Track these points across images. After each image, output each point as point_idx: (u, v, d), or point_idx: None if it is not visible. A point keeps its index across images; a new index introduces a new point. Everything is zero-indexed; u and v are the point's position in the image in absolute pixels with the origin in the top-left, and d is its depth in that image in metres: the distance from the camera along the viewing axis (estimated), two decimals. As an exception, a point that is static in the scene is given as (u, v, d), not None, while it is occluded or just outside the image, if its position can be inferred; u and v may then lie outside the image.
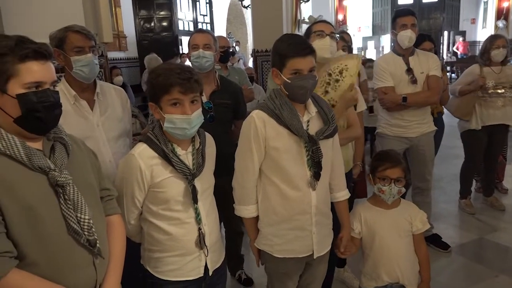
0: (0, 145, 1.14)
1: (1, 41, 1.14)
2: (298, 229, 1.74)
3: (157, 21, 8.42)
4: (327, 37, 2.15)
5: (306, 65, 1.62)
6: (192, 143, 1.60)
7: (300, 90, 1.64)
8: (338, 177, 1.87)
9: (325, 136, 1.70)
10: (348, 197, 1.92)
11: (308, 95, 1.67)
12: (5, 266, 1.10)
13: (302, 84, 1.62)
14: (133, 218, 1.58)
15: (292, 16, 5.75)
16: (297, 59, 1.61)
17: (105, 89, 2.03)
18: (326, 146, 1.73)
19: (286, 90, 1.67)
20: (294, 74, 1.63)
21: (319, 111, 1.74)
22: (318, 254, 1.79)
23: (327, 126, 1.72)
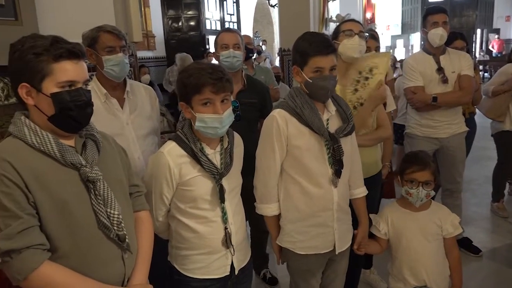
0: (36, 141, 1.18)
1: (37, 41, 1.17)
2: (320, 225, 1.76)
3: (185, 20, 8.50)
4: (355, 36, 2.13)
5: (327, 63, 1.63)
6: (220, 143, 1.61)
7: (321, 90, 1.66)
8: (356, 174, 1.89)
9: (345, 134, 1.73)
10: (365, 194, 1.92)
11: (329, 95, 1.69)
12: (39, 258, 1.14)
13: (323, 84, 1.64)
14: (161, 215, 1.61)
15: (319, 15, 5.71)
16: (318, 58, 1.62)
17: (134, 88, 2.07)
18: (345, 144, 1.74)
19: (307, 88, 1.69)
20: (315, 72, 1.64)
21: (337, 109, 1.75)
22: (340, 250, 1.81)
23: (346, 124, 1.74)
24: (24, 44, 1.17)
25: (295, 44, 1.71)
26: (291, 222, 1.79)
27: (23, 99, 1.20)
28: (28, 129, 1.19)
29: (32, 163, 1.16)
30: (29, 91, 1.19)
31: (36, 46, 1.16)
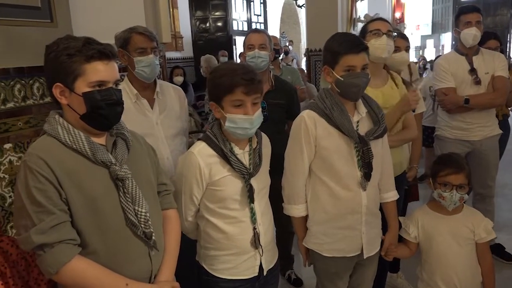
0: (68, 139, 1.22)
1: (70, 42, 1.21)
2: (347, 228, 1.74)
3: (212, 21, 8.57)
4: (383, 36, 2.09)
5: (359, 61, 1.61)
6: (249, 143, 1.62)
7: (353, 88, 1.63)
8: (387, 178, 1.85)
9: (375, 136, 1.70)
10: (396, 198, 1.89)
11: (360, 93, 1.67)
12: (70, 252, 1.18)
13: (355, 82, 1.62)
14: (190, 215, 1.62)
15: (347, 15, 5.65)
16: (350, 56, 1.60)
17: (164, 88, 2.10)
18: (376, 147, 1.71)
19: (338, 88, 1.66)
20: (347, 71, 1.62)
21: (368, 111, 1.73)
22: (368, 254, 1.78)
23: (377, 126, 1.71)
24: (59, 46, 1.21)
25: (326, 44, 1.70)
26: (318, 223, 1.78)
27: (57, 99, 1.24)
28: (62, 128, 1.23)
29: (65, 160, 1.20)
30: (62, 90, 1.23)
31: (69, 48, 1.20)
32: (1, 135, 1.87)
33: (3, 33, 1.87)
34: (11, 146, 1.91)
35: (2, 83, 1.87)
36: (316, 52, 5.41)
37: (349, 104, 1.70)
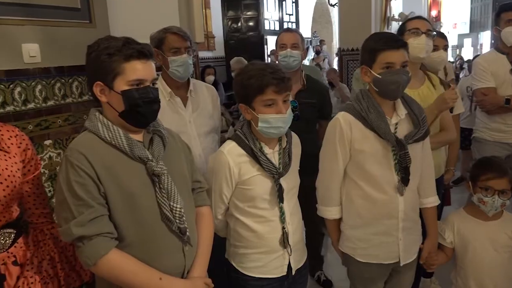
0: (108, 136, 1.25)
1: (110, 42, 1.25)
2: (383, 234, 1.69)
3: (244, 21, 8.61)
4: (422, 35, 2.03)
5: (398, 58, 1.55)
6: (279, 142, 1.62)
7: (392, 85, 1.56)
8: (427, 182, 1.78)
9: (415, 140, 1.63)
10: (437, 204, 1.81)
11: (400, 91, 1.60)
12: (107, 245, 1.21)
13: (394, 79, 1.55)
14: (220, 213, 1.64)
15: (381, 14, 5.55)
16: (388, 52, 1.55)
17: (197, 87, 2.13)
18: (415, 150, 1.65)
19: (376, 87, 1.61)
20: (385, 68, 1.56)
21: (409, 113, 1.66)
22: (404, 262, 1.72)
23: (417, 129, 1.64)
24: (99, 46, 1.25)
25: (363, 44, 1.66)
26: (352, 228, 1.74)
27: (97, 97, 1.28)
28: (102, 124, 1.27)
29: (104, 156, 1.24)
30: (102, 89, 1.27)
31: (109, 47, 1.23)
32: (42, 131, 1.95)
33: (45, 34, 1.95)
34: (51, 142, 1.99)
35: (43, 81, 1.95)
36: (349, 52, 5.35)
37: (387, 105, 1.64)
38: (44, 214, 1.47)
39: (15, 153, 1.33)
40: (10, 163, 1.30)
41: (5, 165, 1.28)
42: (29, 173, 1.40)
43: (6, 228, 1.31)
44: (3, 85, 1.78)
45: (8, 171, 1.28)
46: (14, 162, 1.32)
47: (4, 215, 1.29)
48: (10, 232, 1.33)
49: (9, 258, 1.31)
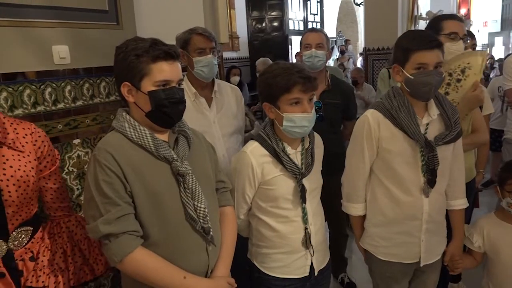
0: (134, 135, 1.28)
1: (138, 43, 1.27)
2: (406, 234, 1.68)
3: (268, 21, 8.61)
4: (460, 40, 1.97)
5: (431, 59, 1.51)
6: (301, 143, 1.61)
7: (424, 86, 1.53)
8: (457, 184, 1.74)
9: (445, 141, 1.59)
10: (465, 206, 1.77)
11: (432, 93, 1.56)
12: (133, 243, 1.23)
13: (426, 80, 1.52)
14: (242, 213, 1.64)
15: (408, 12, 5.44)
16: (421, 52, 1.51)
17: (222, 88, 2.15)
18: (445, 152, 1.62)
19: (407, 87, 1.58)
20: (417, 69, 1.53)
21: (441, 113, 1.62)
22: (425, 262, 1.70)
23: (449, 130, 1.60)
24: (127, 47, 1.27)
25: (396, 42, 1.62)
26: (375, 225, 1.74)
27: (124, 97, 1.31)
28: (128, 124, 1.29)
29: (131, 155, 1.26)
30: (130, 89, 1.29)
31: (137, 48, 1.26)
32: (70, 131, 2.00)
33: (74, 35, 1.99)
34: (79, 141, 2.03)
35: (73, 82, 2.00)
36: (374, 51, 5.27)
37: (419, 105, 1.60)
38: (61, 208, 1.51)
39: (29, 152, 1.35)
40: (23, 163, 1.31)
41: (17, 166, 1.30)
42: (46, 168, 1.42)
43: (24, 226, 1.33)
44: (35, 85, 1.84)
45: (21, 171, 1.29)
46: (28, 161, 1.33)
47: (20, 214, 1.31)
48: (27, 229, 1.35)
49: (27, 254, 1.34)
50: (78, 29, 2.01)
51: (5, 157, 1.27)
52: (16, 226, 1.30)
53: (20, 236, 1.32)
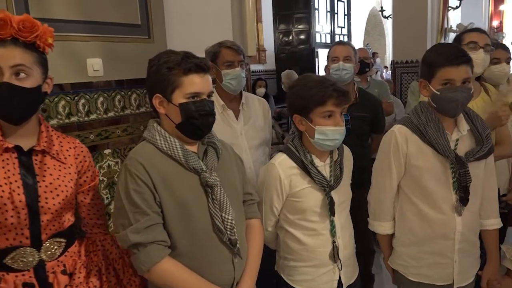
0: (164, 146, 1.30)
1: (170, 56, 1.31)
2: (437, 254, 1.61)
3: (295, 34, 8.64)
4: (480, 50, 1.94)
5: (458, 75, 1.47)
6: (330, 155, 1.60)
7: (450, 103, 1.50)
8: (489, 203, 1.67)
9: (476, 158, 1.54)
10: (499, 226, 1.70)
11: (459, 109, 1.52)
12: (161, 253, 1.25)
13: (452, 96, 1.48)
14: (270, 225, 1.64)
15: (437, 24, 5.36)
16: (448, 68, 1.48)
17: (249, 100, 2.17)
18: (477, 169, 1.56)
19: (434, 102, 1.55)
20: (444, 85, 1.50)
21: (471, 128, 1.58)
22: (458, 285, 1.63)
23: (480, 146, 1.56)
24: (160, 59, 1.31)
25: (423, 56, 1.60)
26: (404, 245, 1.68)
27: (156, 108, 1.34)
28: (159, 135, 1.32)
29: (161, 166, 1.29)
30: (161, 101, 1.32)
31: (169, 61, 1.29)
32: (102, 141, 2.05)
33: (107, 49, 2.06)
34: (110, 151, 2.08)
35: (105, 94, 2.06)
36: (402, 64, 5.21)
37: (448, 120, 1.57)
38: (97, 225, 1.51)
39: (71, 164, 1.37)
40: (63, 174, 1.33)
41: (57, 175, 1.31)
42: (85, 183, 1.44)
43: (57, 237, 1.32)
44: (69, 97, 1.90)
45: (59, 181, 1.31)
46: (68, 173, 1.35)
47: (54, 224, 1.31)
48: (61, 241, 1.34)
49: (58, 267, 1.32)
50: (111, 43, 2.07)
51: (47, 165, 1.30)
52: (49, 236, 1.31)
53: (52, 247, 1.31)
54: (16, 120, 1.23)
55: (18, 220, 1.22)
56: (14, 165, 1.24)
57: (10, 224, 1.22)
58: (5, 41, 1.18)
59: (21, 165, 1.25)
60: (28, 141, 1.28)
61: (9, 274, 1.24)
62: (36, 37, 1.23)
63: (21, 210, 1.22)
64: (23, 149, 1.26)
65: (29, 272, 1.26)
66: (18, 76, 1.19)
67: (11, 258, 1.24)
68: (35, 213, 1.25)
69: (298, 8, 8.40)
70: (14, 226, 1.22)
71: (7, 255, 1.23)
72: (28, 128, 1.27)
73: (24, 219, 1.23)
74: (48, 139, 1.32)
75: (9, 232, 1.23)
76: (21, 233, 1.24)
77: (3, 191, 1.20)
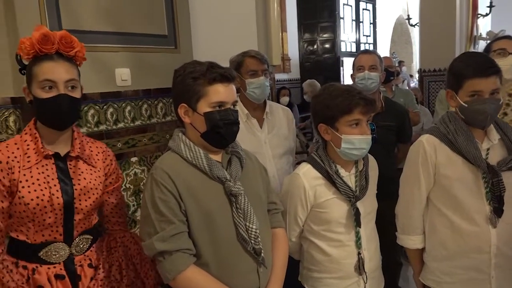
0: (189, 155, 1.32)
1: (196, 66, 1.33)
2: (473, 269, 1.53)
3: (320, 43, 8.61)
4: (509, 56, 1.89)
5: (486, 86, 1.42)
6: (355, 165, 1.58)
7: (479, 115, 1.45)
8: None
9: (510, 167, 1.48)
10: None
11: (488, 121, 1.47)
12: (186, 261, 1.26)
13: (481, 108, 1.44)
14: (294, 235, 1.62)
15: (467, 32, 5.25)
16: (476, 80, 1.43)
17: (273, 109, 2.17)
18: (510, 178, 1.50)
19: (462, 114, 1.51)
20: (472, 96, 1.45)
21: (502, 138, 1.53)
22: None
23: None
24: (185, 70, 1.33)
25: (450, 66, 1.56)
26: (436, 260, 1.61)
27: (181, 118, 1.36)
28: (184, 145, 1.34)
29: (186, 175, 1.30)
30: (186, 110, 1.34)
31: (194, 71, 1.31)
32: (129, 149, 2.09)
33: (135, 59, 2.11)
34: (136, 159, 2.12)
35: (132, 103, 2.11)
36: (430, 73, 5.12)
37: (478, 129, 1.52)
38: (119, 223, 1.59)
39: (99, 168, 1.47)
40: (93, 177, 1.44)
41: (89, 178, 1.42)
42: (110, 184, 1.54)
43: (85, 234, 1.44)
44: (98, 106, 1.96)
45: (91, 184, 1.42)
46: (98, 176, 1.46)
47: (84, 223, 1.42)
48: (88, 238, 1.45)
49: (85, 260, 1.43)
50: (139, 53, 2.12)
51: (80, 169, 1.41)
52: (79, 233, 1.42)
53: (81, 243, 1.42)
54: (63, 127, 1.35)
55: (55, 219, 1.34)
56: (53, 170, 1.35)
57: (48, 223, 1.33)
58: (52, 56, 1.31)
59: (58, 170, 1.36)
60: (63, 147, 1.39)
61: (42, 266, 1.35)
62: (75, 52, 1.35)
63: (59, 211, 1.34)
64: (60, 155, 1.37)
65: (59, 265, 1.37)
66: (71, 88, 1.33)
67: (45, 252, 1.36)
68: (70, 213, 1.37)
69: (323, 17, 8.39)
70: (50, 224, 1.34)
71: (42, 249, 1.35)
72: (66, 135, 1.39)
73: (60, 219, 1.35)
74: (81, 144, 1.43)
75: (46, 230, 1.35)
76: (56, 230, 1.36)
77: (44, 195, 1.31)
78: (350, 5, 8.90)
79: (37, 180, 1.31)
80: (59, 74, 1.29)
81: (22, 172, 1.30)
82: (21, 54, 1.32)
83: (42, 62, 1.29)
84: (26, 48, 1.28)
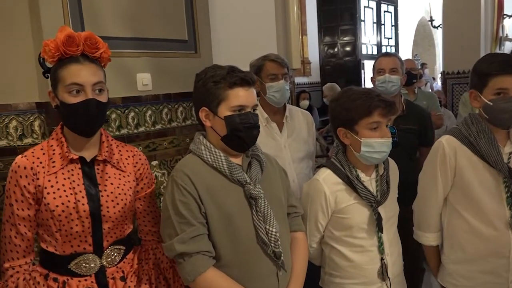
0: (210, 158, 1.33)
1: (216, 71, 1.34)
2: (491, 273, 1.52)
3: (341, 46, 8.55)
4: None
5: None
6: (376, 169, 1.56)
7: (504, 114, 1.43)
8: None
9: None
10: None
11: None
12: (206, 263, 1.26)
13: (507, 106, 1.42)
14: (315, 242, 1.61)
15: (492, 33, 5.13)
16: (501, 77, 1.41)
17: (293, 113, 2.17)
18: None
19: (486, 114, 1.48)
20: (497, 94, 1.43)
21: None
22: None
23: None
24: (206, 74, 1.34)
25: (474, 66, 1.54)
26: (454, 262, 1.61)
27: (202, 121, 1.37)
28: (205, 148, 1.35)
29: (206, 177, 1.31)
30: (207, 114, 1.35)
31: (215, 75, 1.32)
32: (149, 153, 2.12)
33: (156, 64, 2.14)
34: (157, 163, 2.15)
35: (153, 107, 2.13)
36: (454, 75, 5.02)
37: (500, 133, 1.50)
38: (152, 232, 1.51)
39: (129, 172, 1.41)
40: (123, 182, 1.37)
41: (117, 184, 1.36)
42: (142, 190, 1.47)
43: (117, 244, 1.37)
44: (120, 110, 1.99)
45: (119, 189, 1.35)
46: (127, 181, 1.39)
47: (115, 232, 1.36)
48: (120, 248, 1.38)
49: (118, 273, 1.36)
50: (160, 58, 2.15)
51: (108, 174, 1.35)
52: (110, 243, 1.35)
53: (113, 254, 1.36)
54: (90, 134, 1.30)
55: (82, 228, 1.28)
56: (78, 175, 1.30)
57: (75, 232, 1.27)
58: (78, 58, 1.25)
59: (85, 175, 1.31)
60: (90, 151, 1.34)
61: (72, 279, 1.30)
62: (100, 53, 1.30)
63: (85, 219, 1.28)
64: (86, 160, 1.32)
65: (90, 277, 1.31)
66: (98, 92, 1.27)
67: (75, 264, 1.30)
68: (98, 221, 1.30)
69: (343, 20, 8.33)
70: (78, 234, 1.28)
71: (72, 261, 1.30)
72: (94, 139, 1.34)
73: (88, 227, 1.29)
74: (109, 148, 1.37)
75: (74, 240, 1.29)
76: (84, 240, 1.30)
77: (69, 201, 1.26)
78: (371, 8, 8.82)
79: (62, 186, 1.26)
80: (86, 77, 1.23)
81: (47, 178, 1.25)
82: (44, 57, 1.26)
83: (68, 65, 1.23)
84: (51, 51, 1.23)
